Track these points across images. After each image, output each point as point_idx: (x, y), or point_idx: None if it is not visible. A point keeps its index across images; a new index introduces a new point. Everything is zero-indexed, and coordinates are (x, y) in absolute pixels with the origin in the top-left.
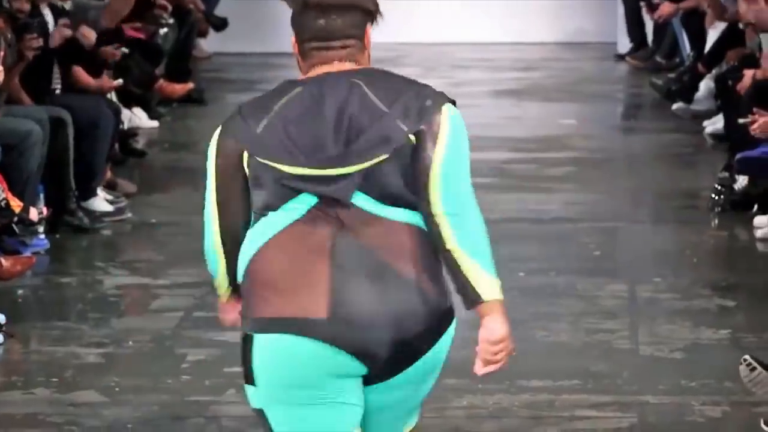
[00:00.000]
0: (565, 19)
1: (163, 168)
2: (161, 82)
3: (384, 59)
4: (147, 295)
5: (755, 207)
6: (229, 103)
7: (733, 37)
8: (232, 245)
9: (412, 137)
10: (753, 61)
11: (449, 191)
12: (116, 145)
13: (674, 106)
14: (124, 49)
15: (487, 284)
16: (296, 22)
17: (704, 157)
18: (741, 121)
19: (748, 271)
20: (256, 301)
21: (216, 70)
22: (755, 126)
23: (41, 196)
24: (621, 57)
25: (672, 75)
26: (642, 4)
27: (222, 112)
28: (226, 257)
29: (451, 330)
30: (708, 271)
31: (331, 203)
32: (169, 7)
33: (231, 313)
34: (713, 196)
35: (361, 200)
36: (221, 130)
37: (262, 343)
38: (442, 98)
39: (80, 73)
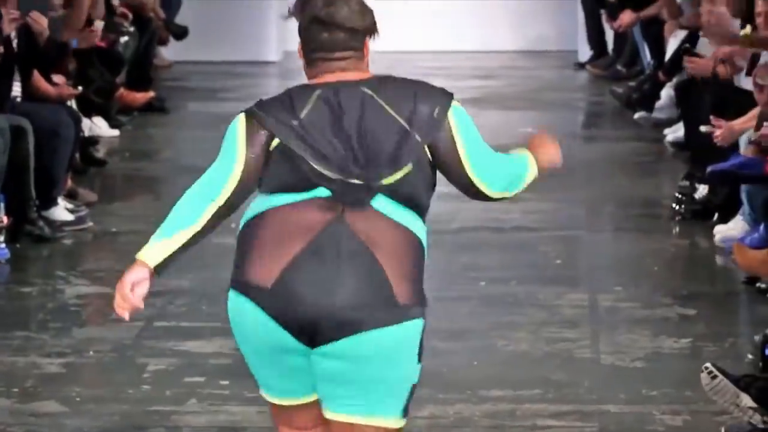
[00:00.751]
0: (525, 28)
1: (124, 177)
2: (122, 90)
3: None
4: (108, 304)
5: (716, 216)
6: (190, 112)
7: (693, 44)
8: (216, 217)
9: (427, 150)
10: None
11: (482, 169)
12: (77, 154)
13: (636, 115)
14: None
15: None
16: (303, 34)
17: (665, 166)
18: (703, 128)
19: (709, 280)
20: (240, 253)
21: (177, 79)
22: (717, 134)
23: (1, 205)
24: (581, 65)
25: (632, 83)
26: (602, 12)
27: (183, 121)
28: (197, 223)
29: (414, 329)
30: (669, 280)
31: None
32: (130, 16)
33: (131, 299)
34: (674, 205)
35: (383, 202)
36: (248, 123)
37: (230, 298)
38: (447, 100)
39: (40, 80)
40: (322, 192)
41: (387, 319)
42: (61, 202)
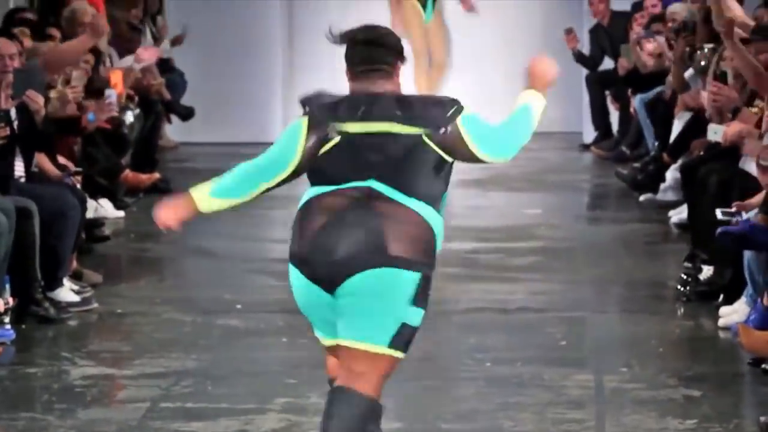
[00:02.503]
0: None
1: (129, 258)
2: (127, 172)
3: None
4: (113, 385)
5: (720, 297)
6: None
7: (697, 127)
8: (262, 194)
9: (438, 148)
10: (718, 151)
11: (492, 148)
12: (82, 235)
13: (641, 197)
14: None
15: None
16: (348, 54)
17: (670, 247)
18: (719, 212)
19: (714, 361)
20: (293, 234)
21: (182, 160)
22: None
23: (7, 286)
24: (586, 147)
25: (637, 165)
26: (607, 93)
27: None
28: (247, 195)
29: (402, 276)
30: (674, 361)
31: (369, 190)
32: (136, 98)
33: (175, 220)
34: (679, 286)
35: (389, 191)
36: (309, 125)
37: (289, 268)
38: (456, 107)
39: (44, 161)
40: (355, 184)
41: (374, 263)
42: (67, 283)
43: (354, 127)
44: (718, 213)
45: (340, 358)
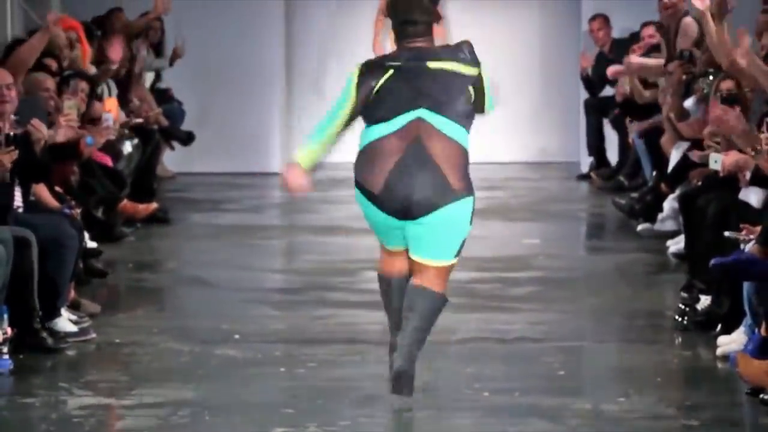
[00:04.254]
0: (528, 139)
1: (127, 288)
2: (125, 202)
3: (345, 179)
4: (111, 415)
5: (719, 327)
6: (193, 223)
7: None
8: (337, 133)
9: (468, 71)
10: (716, 181)
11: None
12: (80, 265)
13: (639, 227)
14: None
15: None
16: (392, 17)
17: (668, 277)
18: (727, 234)
19: (712, 391)
20: (358, 169)
21: (180, 190)
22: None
23: (5, 316)
24: (584, 176)
25: (635, 195)
26: (605, 121)
27: (186, 232)
28: (328, 138)
29: (459, 205)
30: (672, 391)
31: (417, 122)
32: (133, 119)
33: (300, 179)
34: (676, 316)
35: (435, 119)
36: (359, 76)
37: (356, 189)
38: (478, 61)
39: (43, 191)
40: (404, 120)
41: (446, 200)
42: (65, 313)
43: (407, 64)
44: (726, 233)
45: (413, 265)
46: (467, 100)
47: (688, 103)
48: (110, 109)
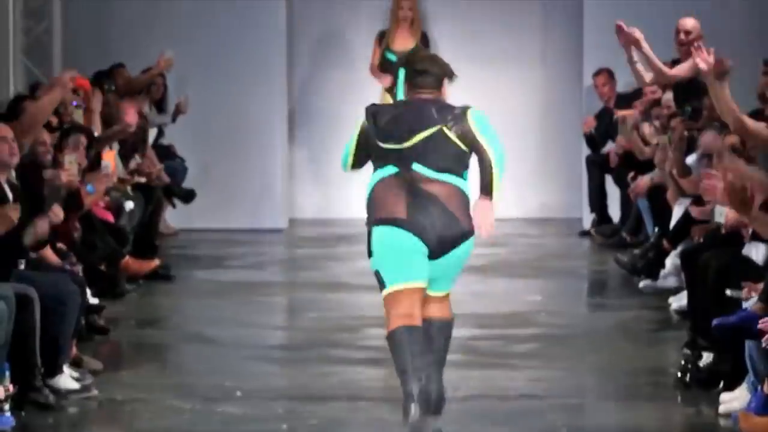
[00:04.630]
0: (529, 195)
1: (130, 345)
2: (128, 258)
3: (347, 235)
4: None
5: (721, 384)
6: (196, 280)
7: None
8: (355, 167)
9: (453, 135)
10: (718, 237)
11: (490, 144)
12: (82, 321)
13: (641, 284)
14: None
15: (496, 185)
16: (406, 75)
17: (670, 334)
18: (729, 292)
19: None
20: (371, 212)
21: (183, 247)
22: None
23: (6, 373)
24: (586, 233)
25: (637, 251)
26: (607, 176)
27: (189, 289)
28: (351, 168)
29: (470, 242)
30: None
31: (411, 172)
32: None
33: None
34: (679, 373)
35: (425, 170)
36: (362, 122)
37: (377, 229)
38: (467, 107)
39: (48, 254)
40: (393, 168)
41: (464, 240)
42: (67, 370)
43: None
44: (728, 291)
45: (426, 301)
46: (457, 155)
47: (690, 159)
48: (107, 157)
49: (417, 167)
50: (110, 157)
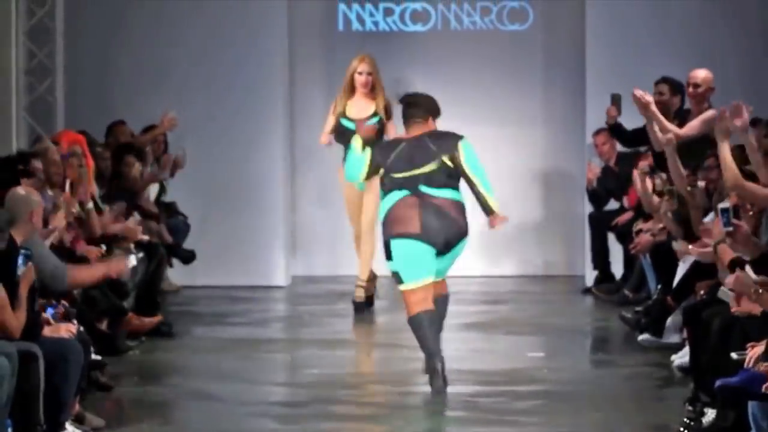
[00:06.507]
0: (531, 253)
1: (132, 401)
2: (130, 315)
3: (349, 292)
4: None
5: None
6: (198, 337)
7: (702, 269)
8: (367, 179)
9: (447, 160)
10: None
11: (475, 174)
12: (85, 378)
13: (639, 338)
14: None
15: (492, 203)
16: (404, 110)
17: (673, 391)
18: (734, 355)
19: None
20: (389, 228)
21: (185, 304)
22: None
23: (9, 430)
24: (588, 290)
25: (640, 308)
26: (611, 234)
27: (191, 346)
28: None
29: (465, 240)
30: None
31: (416, 191)
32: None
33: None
34: (682, 429)
35: (430, 189)
36: (372, 157)
37: (396, 241)
38: (459, 138)
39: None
40: (404, 191)
41: (461, 238)
42: (69, 427)
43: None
44: (733, 355)
45: (434, 286)
46: (451, 174)
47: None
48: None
49: (423, 188)
50: (67, 199)
